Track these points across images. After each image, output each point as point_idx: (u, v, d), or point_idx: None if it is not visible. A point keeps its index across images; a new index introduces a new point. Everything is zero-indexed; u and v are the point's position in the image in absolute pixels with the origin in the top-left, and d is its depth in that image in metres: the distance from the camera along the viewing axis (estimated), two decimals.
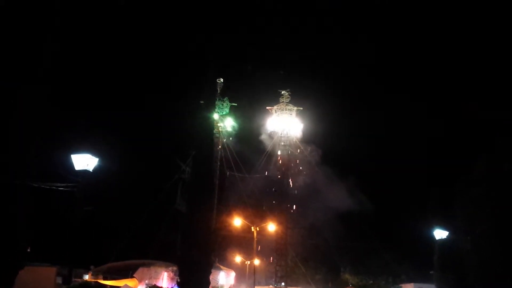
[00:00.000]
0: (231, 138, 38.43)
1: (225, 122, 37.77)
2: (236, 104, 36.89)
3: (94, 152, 14.02)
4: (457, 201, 32.11)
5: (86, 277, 28.90)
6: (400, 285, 41.87)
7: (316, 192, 44.58)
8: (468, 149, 40.12)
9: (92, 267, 30.98)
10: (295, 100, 45.84)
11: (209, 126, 22.30)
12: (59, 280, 21.55)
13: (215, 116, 32.26)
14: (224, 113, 35.43)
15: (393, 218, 44.77)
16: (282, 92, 45.47)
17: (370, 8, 57.34)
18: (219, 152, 30.10)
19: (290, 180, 44.44)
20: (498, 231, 28.54)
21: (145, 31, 49.78)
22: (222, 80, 36.22)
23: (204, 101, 21.80)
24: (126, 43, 46.28)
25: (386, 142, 49.74)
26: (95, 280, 25.59)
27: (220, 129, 33.53)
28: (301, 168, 45.75)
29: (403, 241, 42.30)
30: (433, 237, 31.12)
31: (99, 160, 14.19)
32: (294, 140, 45.32)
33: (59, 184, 15.03)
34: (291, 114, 45.42)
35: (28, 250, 17.74)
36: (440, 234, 31.27)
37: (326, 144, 46.05)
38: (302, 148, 45.48)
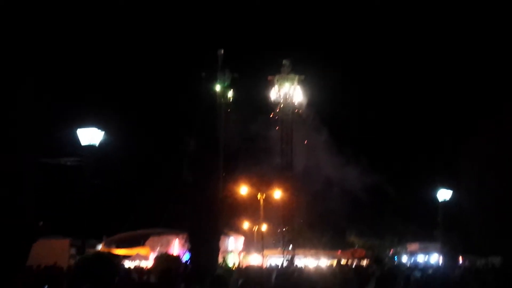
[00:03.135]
0: (233, 109, 38.53)
1: (227, 93, 37.81)
2: (237, 75, 36.81)
3: (100, 127, 14.22)
4: (462, 160, 32.35)
5: (99, 247, 29.67)
6: (406, 244, 42.71)
7: (319, 159, 45.04)
8: (474, 107, 40.00)
9: (104, 237, 31.71)
10: (298, 69, 45.66)
11: (212, 98, 22.48)
12: (73, 251, 22.24)
13: (217, 87, 32.27)
14: (225, 84, 35.40)
15: (397, 180, 45.23)
16: (284, 61, 45.28)
17: None
18: (222, 123, 30.29)
19: (292, 148, 44.79)
20: (503, 189, 28.80)
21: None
22: (222, 51, 36.03)
23: (205, 72, 21.90)
24: (129, 19, 45.83)
25: (391, 106, 49.68)
26: (108, 250, 26.34)
27: (222, 100, 33.61)
28: (303, 136, 46.06)
29: (407, 202, 42.86)
30: (437, 197, 31.48)
31: (105, 134, 14.41)
32: (296, 108, 45.43)
33: (66, 159, 15.35)
34: (292, 83, 45.37)
35: (41, 224, 18.23)
36: (444, 193, 31.60)
37: (329, 111, 46.19)
38: (304, 116, 45.65)
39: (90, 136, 14.01)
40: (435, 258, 34.69)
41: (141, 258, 29.65)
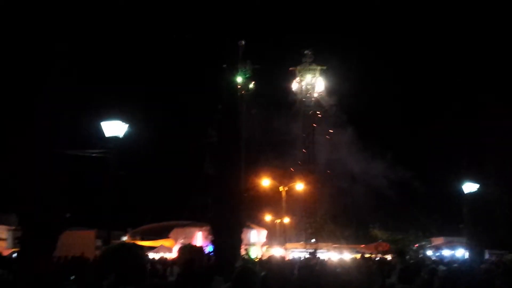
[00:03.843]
0: (254, 100, 38.53)
1: (248, 85, 37.78)
2: (258, 66, 36.78)
3: (124, 119, 14.35)
4: (489, 152, 31.70)
5: (124, 238, 30.14)
6: (430, 238, 42.14)
7: (342, 152, 44.68)
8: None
9: (129, 229, 32.19)
10: (320, 59, 45.30)
11: (233, 90, 22.45)
12: (99, 242, 22.63)
13: (238, 78, 32.27)
14: (246, 75, 35.39)
15: (422, 173, 44.62)
16: (305, 52, 44.94)
17: None
18: (244, 115, 30.31)
19: (314, 140, 44.53)
20: None
21: None
22: (243, 42, 35.97)
23: (226, 63, 21.89)
24: (154, 10, 46.12)
25: (416, 98, 48.92)
26: (133, 241, 26.72)
27: (243, 92, 33.64)
28: (326, 128, 45.75)
29: (432, 196, 42.28)
30: (463, 191, 30.90)
31: (129, 126, 14.55)
32: (318, 100, 45.11)
33: (91, 151, 15.56)
34: (314, 75, 45.02)
35: (68, 215, 18.59)
36: (470, 187, 30.99)
37: (352, 103, 45.72)
38: (326, 108, 45.31)
39: (114, 128, 14.16)
40: (461, 253, 34.12)
41: (165, 250, 30.02)
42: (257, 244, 36.12)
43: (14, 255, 15.01)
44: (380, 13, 53.52)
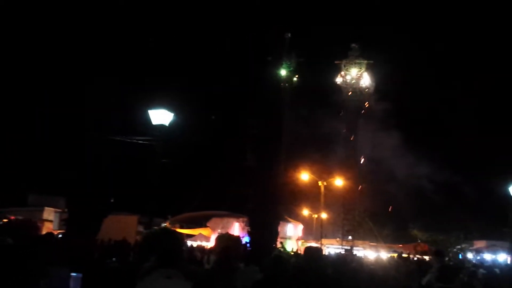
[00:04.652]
0: (298, 94, 38.36)
1: (292, 78, 37.63)
2: (303, 59, 36.57)
3: (170, 108, 14.73)
4: None
5: (165, 225, 30.88)
6: (472, 241, 41.01)
7: (385, 149, 44.01)
8: None
9: (169, 216, 32.92)
10: (367, 53, 44.55)
11: (277, 83, 22.56)
12: (141, 228, 23.27)
13: (283, 72, 32.25)
14: (291, 68, 35.30)
15: (467, 173, 43.38)
16: (352, 45, 44.32)
17: None
18: (287, 108, 30.28)
19: (357, 136, 43.95)
20: None
21: None
22: (289, 34, 35.79)
23: (271, 56, 21.98)
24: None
25: (462, 97, 47.51)
26: (173, 228, 27.35)
27: (287, 85, 33.57)
28: (370, 125, 45.12)
29: (476, 197, 41.10)
30: (508, 192, 29.88)
31: (174, 115, 14.91)
32: (363, 95, 44.47)
33: (138, 138, 16.06)
34: (360, 68, 44.36)
35: (112, 200, 19.27)
36: None
37: (399, 100, 44.83)
38: (371, 103, 44.64)
39: (160, 116, 14.54)
40: (503, 257, 33.06)
41: (202, 238, 30.57)
42: (293, 238, 36.20)
43: (60, 236, 15.70)
44: (433, 8, 52.11)
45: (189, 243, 26.73)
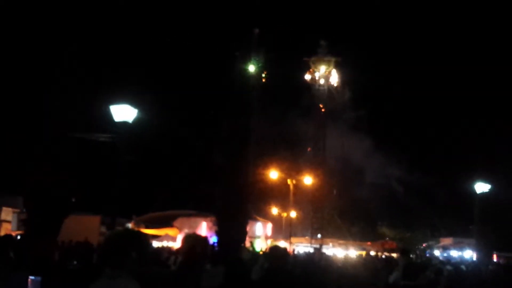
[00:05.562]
0: (266, 91, 38.10)
1: (261, 74, 37.29)
2: (272, 55, 36.32)
3: (134, 104, 14.14)
4: (502, 152, 31.22)
5: (129, 225, 30.11)
6: (439, 238, 41.75)
7: (352, 147, 44.31)
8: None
9: (133, 216, 32.12)
10: (335, 51, 44.67)
11: (245, 79, 22.22)
12: (103, 228, 22.55)
13: (251, 67, 31.91)
14: (259, 64, 34.99)
15: (433, 172, 44.12)
16: (321, 42, 44.42)
17: None
18: (255, 104, 29.99)
19: (324, 134, 44.09)
20: None
21: None
22: (258, 30, 35.44)
23: (239, 52, 21.65)
24: None
25: (429, 95, 48.31)
26: (137, 229, 26.66)
27: (255, 81, 33.26)
28: (337, 122, 45.35)
29: (443, 195, 41.83)
30: (474, 191, 30.44)
31: (138, 112, 14.33)
32: (331, 92, 44.66)
33: (99, 135, 15.43)
34: (329, 66, 44.50)
35: (73, 200, 18.51)
36: (481, 187, 30.49)
37: (366, 97, 45.21)
38: (339, 100, 44.88)
39: (123, 112, 13.94)
40: (469, 254, 33.71)
41: (169, 239, 29.97)
42: (262, 237, 35.96)
43: (18, 237, 14.94)
44: (402, 7, 52.83)
45: (154, 244, 26.10)
